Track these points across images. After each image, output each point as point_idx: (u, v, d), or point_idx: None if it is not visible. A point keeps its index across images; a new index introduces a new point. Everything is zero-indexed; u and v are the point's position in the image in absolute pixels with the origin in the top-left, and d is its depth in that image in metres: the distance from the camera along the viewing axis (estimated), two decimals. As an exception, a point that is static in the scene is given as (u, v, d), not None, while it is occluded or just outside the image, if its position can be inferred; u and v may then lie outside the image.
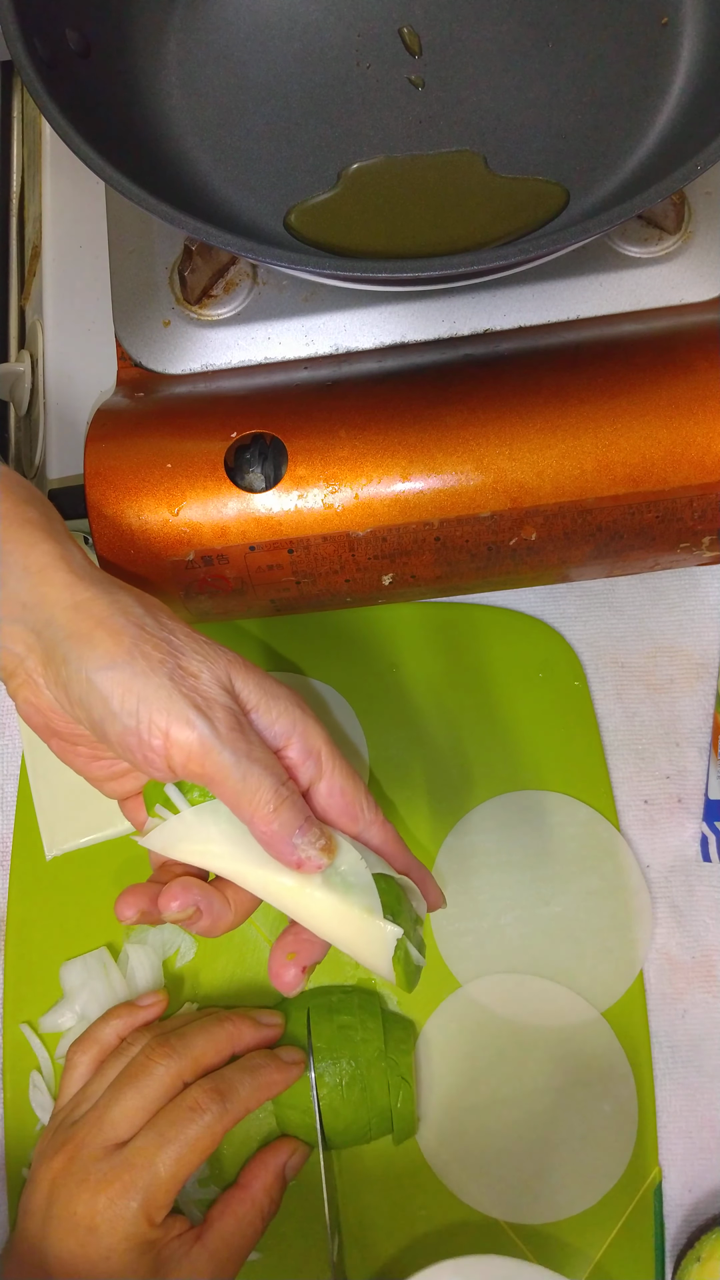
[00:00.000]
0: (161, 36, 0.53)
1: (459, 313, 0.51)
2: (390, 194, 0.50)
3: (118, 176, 0.43)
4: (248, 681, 0.41)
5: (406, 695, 0.59)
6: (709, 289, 0.50)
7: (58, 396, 0.54)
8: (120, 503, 0.47)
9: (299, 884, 0.41)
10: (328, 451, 0.47)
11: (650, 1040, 0.54)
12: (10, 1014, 0.55)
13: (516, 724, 0.58)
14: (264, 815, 0.39)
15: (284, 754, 0.41)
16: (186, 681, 0.39)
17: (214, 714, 0.39)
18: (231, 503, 0.47)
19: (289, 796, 0.40)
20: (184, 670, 0.39)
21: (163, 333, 0.51)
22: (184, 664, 0.39)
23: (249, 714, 0.40)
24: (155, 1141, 0.45)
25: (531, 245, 0.42)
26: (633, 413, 0.46)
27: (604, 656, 0.59)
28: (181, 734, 0.38)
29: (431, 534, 0.48)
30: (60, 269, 0.56)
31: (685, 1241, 0.52)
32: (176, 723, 0.38)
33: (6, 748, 0.59)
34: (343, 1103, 0.51)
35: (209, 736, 0.38)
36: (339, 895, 0.41)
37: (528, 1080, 0.53)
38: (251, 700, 0.41)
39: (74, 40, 0.49)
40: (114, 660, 0.38)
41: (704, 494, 0.47)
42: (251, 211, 0.50)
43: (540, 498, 0.47)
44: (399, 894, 0.42)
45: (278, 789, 0.39)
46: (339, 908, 0.41)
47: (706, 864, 0.56)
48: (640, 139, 0.50)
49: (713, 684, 0.58)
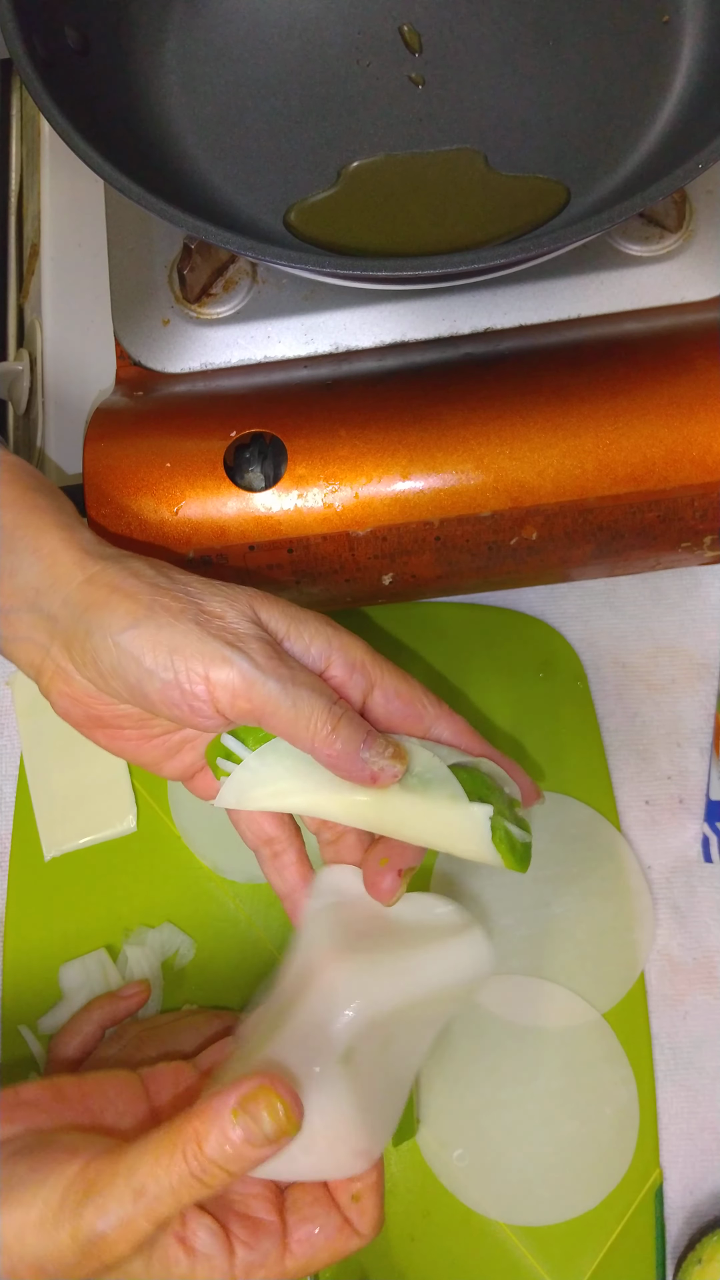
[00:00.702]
0: (161, 35, 0.53)
1: (459, 311, 0.50)
2: (390, 192, 0.50)
3: (117, 175, 0.43)
4: (273, 612, 0.40)
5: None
6: (710, 287, 0.50)
7: (57, 395, 0.54)
8: (119, 502, 0.47)
9: (377, 798, 0.40)
10: (327, 451, 0.47)
11: (651, 1042, 0.54)
12: (9, 1016, 0.55)
13: (516, 724, 0.58)
14: (324, 738, 0.39)
15: (328, 675, 0.41)
16: (213, 623, 0.39)
17: (249, 646, 0.38)
18: (231, 502, 0.47)
19: (344, 714, 0.39)
20: (208, 613, 0.39)
21: (162, 331, 0.51)
22: (207, 608, 0.39)
23: (282, 643, 0.40)
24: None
25: (532, 243, 0.42)
26: (634, 412, 0.46)
27: (605, 656, 0.59)
28: (221, 673, 0.38)
29: (432, 533, 0.48)
30: (59, 267, 0.56)
31: (686, 1244, 0.52)
32: (214, 663, 0.38)
33: (6, 748, 0.58)
34: (343, 1104, 0.51)
35: (249, 669, 0.38)
36: (419, 795, 0.40)
37: (528, 1082, 0.53)
38: (281, 629, 0.40)
39: (73, 38, 0.49)
40: (136, 619, 0.38)
41: (705, 493, 0.47)
42: (251, 210, 0.50)
43: (541, 497, 0.47)
44: (483, 779, 0.41)
45: (330, 708, 0.39)
46: (422, 806, 0.40)
47: (708, 865, 0.56)
48: (641, 137, 0.50)
49: (714, 684, 0.58)
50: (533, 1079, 0.53)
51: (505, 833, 0.41)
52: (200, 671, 0.38)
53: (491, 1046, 0.53)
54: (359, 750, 0.39)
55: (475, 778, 0.41)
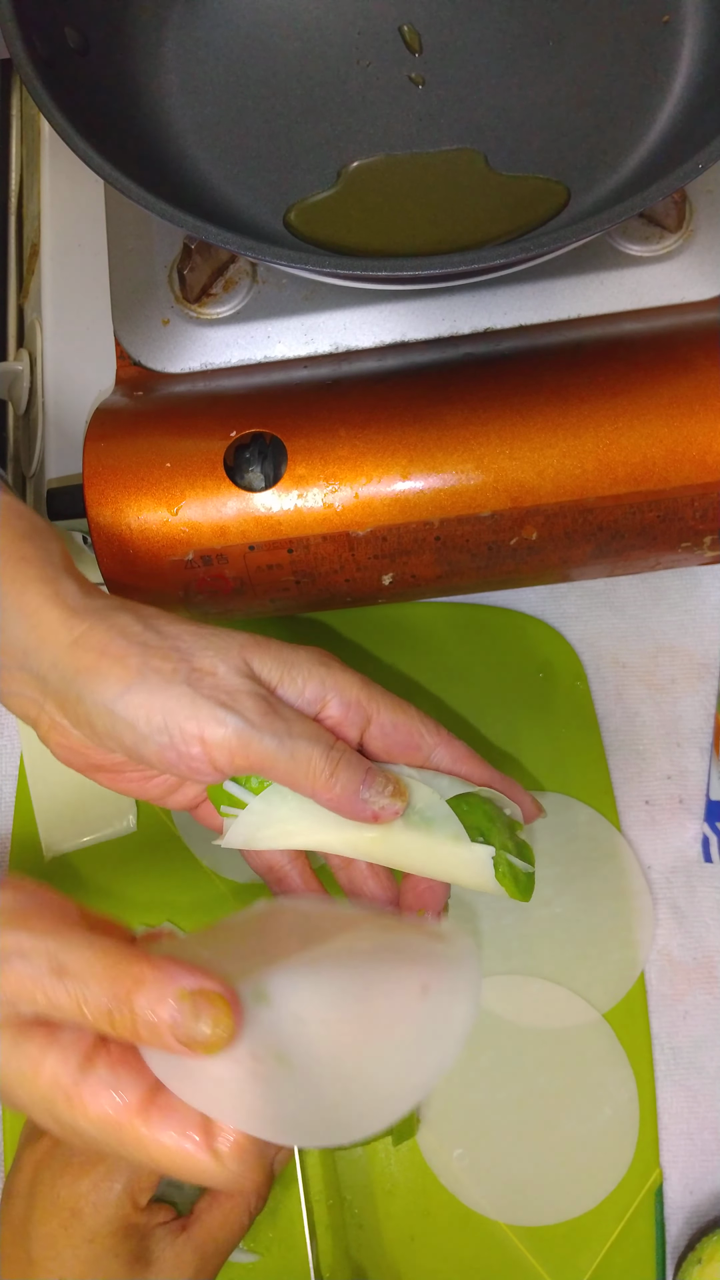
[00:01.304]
0: (160, 34, 0.53)
1: (459, 311, 0.50)
2: (390, 192, 0.50)
3: (117, 175, 0.43)
4: (265, 660, 0.40)
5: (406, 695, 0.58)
6: (710, 287, 0.50)
7: (56, 395, 0.54)
8: (119, 502, 0.47)
9: (382, 834, 0.41)
10: (327, 451, 0.47)
11: (651, 1042, 0.54)
12: (9, 1015, 0.55)
13: (516, 724, 0.58)
14: (323, 784, 0.39)
15: (324, 715, 0.41)
16: (205, 681, 0.38)
17: (241, 705, 0.38)
18: (231, 502, 0.47)
19: (342, 756, 0.39)
20: (199, 671, 0.39)
21: (162, 331, 0.51)
22: (198, 664, 0.39)
23: (275, 690, 0.40)
24: None
25: (532, 243, 0.41)
26: (634, 411, 0.46)
27: (605, 656, 0.59)
28: (215, 733, 0.38)
29: (432, 533, 0.47)
30: (59, 267, 0.56)
31: (686, 1244, 0.52)
32: (207, 724, 0.38)
33: (5, 748, 0.58)
34: (343, 1104, 0.51)
35: (243, 728, 0.38)
36: (422, 833, 0.40)
37: (528, 1082, 0.53)
38: (274, 676, 0.40)
39: (73, 38, 0.48)
40: (127, 685, 0.38)
41: (705, 493, 0.47)
42: (251, 210, 0.50)
43: (541, 497, 0.47)
44: (486, 809, 0.42)
45: (327, 754, 0.39)
46: (427, 844, 0.40)
47: (708, 865, 0.56)
48: (641, 137, 0.50)
49: (714, 684, 0.58)
50: (533, 1079, 0.53)
51: (508, 867, 0.41)
52: (194, 732, 0.38)
53: (491, 1046, 0.53)
54: (359, 791, 0.39)
55: (477, 809, 0.41)
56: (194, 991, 0.33)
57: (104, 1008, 0.33)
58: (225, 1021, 0.33)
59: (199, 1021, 0.33)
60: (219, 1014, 0.33)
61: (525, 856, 0.42)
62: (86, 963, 0.34)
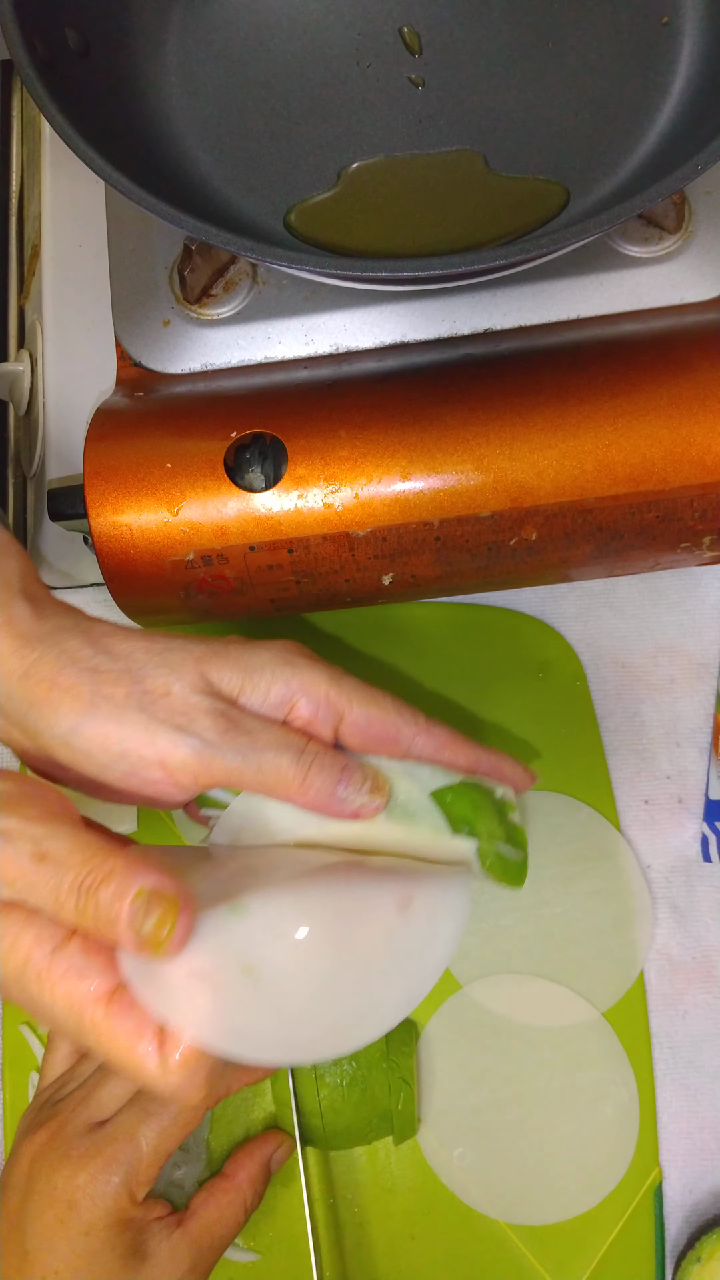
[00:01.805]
0: (161, 36, 0.53)
1: (459, 312, 0.50)
2: (390, 193, 0.50)
3: (117, 176, 0.43)
4: (223, 670, 0.39)
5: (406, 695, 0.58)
6: (709, 288, 0.50)
7: (57, 396, 0.54)
8: (120, 502, 0.47)
9: (365, 828, 0.40)
10: (328, 451, 0.47)
11: (651, 1041, 0.54)
12: (9, 1014, 0.55)
13: (516, 724, 0.58)
14: (296, 790, 0.38)
15: (293, 717, 0.40)
16: (159, 704, 0.38)
17: (198, 725, 0.38)
18: (231, 502, 0.47)
19: (314, 760, 0.39)
20: (151, 694, 0.38)
21: (162, 332, 0.51)
22: (150, 686, 0.38)
23: (238, 700, 0.39)
24: (138, 1116, 0.44)
25: (531, 244, 0.42)
26: (633, 412, 0.46)
27: (604, 656, 0.59)
28: (174, 756, 0.37)
29: (431, 534, 0.48)
30: (60, 268, 0.56)
31: (685, 1242, 0.52)
32: (165, 749, 0.37)
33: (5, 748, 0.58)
34: (343, 1103, 0.51)
35: (202, 748, 0.37)
36: (405, 827, 0.40)
37: (528, 1081, 0.53)
38: (234, 686, 0.39)
39: (73, 39, 0.49)
40: (79, 716, 0.37)
41: (704, 494, 0.47)
42: (251, 211, 0.50)
43: (540, 497, 0.47)
44: (472, 796, 0.41)
45: (297, 761, 0.38)
46: (410, 839, 0.40)
47: (707, 864, 0.56)
48: (640, 138, 0.50)
49: (713, 684, 0.58)
50: (533, 1078, 0.53)
51: (497, 857, 0.41)
52: (154, 759, 0.37)
53: (491, 1046, 0.53)
54: (335, 791, 0.39)
55: (462, 797, 0.41)
56: (150, 891, 0.34)
57: (73, 896, 0.34)
58: (170, 923, 0.34)
59: (148, 920, 0.33)
60: (166, 915, 0.34)
61: (516, 841, 0.42)
62: (67, 851, 0.34)
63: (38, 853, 0.34)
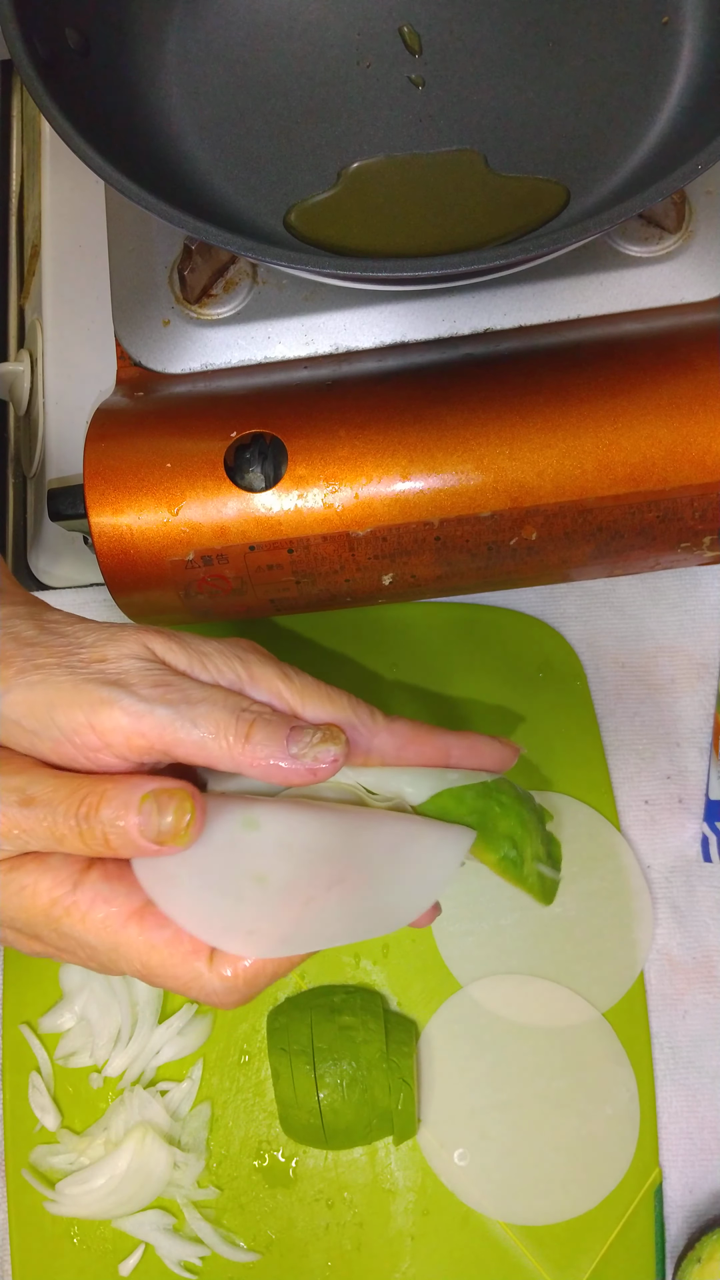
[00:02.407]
0: (161, 35, 0.53)
1: (459, 312, 0.50)
2: (390, 193, 0.50)
3: (117, 176, 0.43)
4: (171, 645, 0.37)
5: (406, 695, 0.59)
6: (710, 288, 0.50)
7: (57, 396, 0.54)
8: (120, 502, 0.47)
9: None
10: (328, 451, 0.47)
11: (651, 1041, 0.54)
12: (10, 1015, 0.55)
13: (516, 724, 0.58)
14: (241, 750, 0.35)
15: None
16: (91, 666, 0.36)
17: (129, 679, 0.35)
18: (231, 502, 0.47)
19: (256, 717, 0.36)
20: (85, 659, 0.36)
21: (162, 332, 0.51)
22: (84, 654, 0.36)
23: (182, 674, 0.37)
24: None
25: (532, 244, 0.42)
26: (633, 412, 0.46)
27: (604, 656, 0.59)
28: (103, 716, 0.35)
29: (431, 534, 0.48)
30: (60, 268, 0.56)
31: (685, 1243, 0.52)
32: (94, 708, 0.35)
33: None
34: (344, 1103, 0.51)
35: (132, 703, 0.35)
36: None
37: (528, 1081, 0.53)
38: (181, 663, 0.37)
39: (74, 39, 0.49)
40: (7, 685, 0.35)
41: (704, 493, 0.47)
42: (251, 210, 0.50)
43: (540, 497, 0.47)
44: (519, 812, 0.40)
45: (238, 716, 0.35)
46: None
47: (707, 864, 0.56)
48: (641, 138, 0.50)
49: (713, 684, 0.58)
50: (533, 1079, 0.53)
51: (538, 877, 0.41)
52: (83, 720, 0.35)
53: (491, 1046, 0.53)
54: (286, 751, 0.35)
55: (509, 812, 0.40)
56: (156, 791, 0.34)
57: (73, 826, 0.34)
58: (187, 806, 0.34)
59: (164, 815, 0.34)
60: (182, 803, 0.34)
61: (554, 862, 0.41)
62: (52, 789, 0.35)
63: (23, 799, 0.34)
